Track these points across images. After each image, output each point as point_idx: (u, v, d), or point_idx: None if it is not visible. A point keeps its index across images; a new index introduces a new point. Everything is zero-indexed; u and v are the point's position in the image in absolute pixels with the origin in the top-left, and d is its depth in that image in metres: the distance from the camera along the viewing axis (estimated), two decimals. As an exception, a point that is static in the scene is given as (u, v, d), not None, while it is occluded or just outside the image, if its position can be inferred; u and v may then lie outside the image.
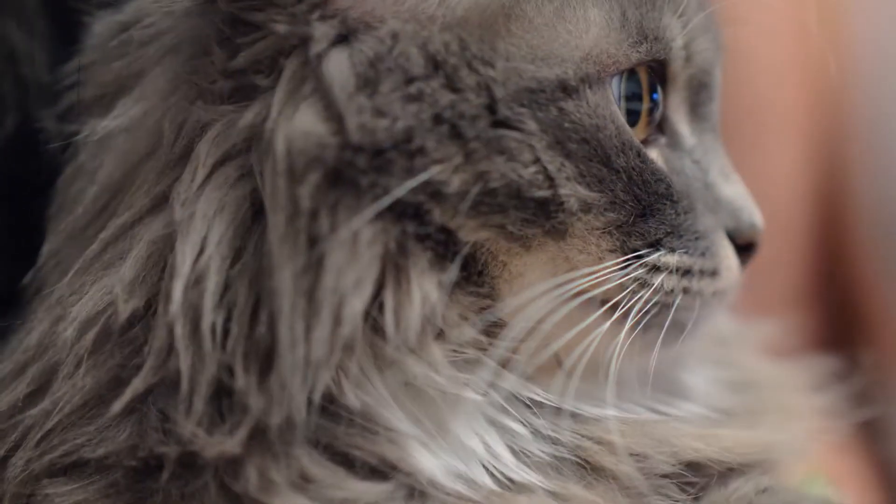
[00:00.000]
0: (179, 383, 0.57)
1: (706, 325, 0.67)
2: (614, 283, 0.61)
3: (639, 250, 0.62)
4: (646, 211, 0.62)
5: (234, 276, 0.57)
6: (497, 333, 0.60)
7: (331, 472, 0.57)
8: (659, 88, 0.64)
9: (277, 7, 0.58)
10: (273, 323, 0.56)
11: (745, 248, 0.67)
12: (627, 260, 0.61)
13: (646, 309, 0.62)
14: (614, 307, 0.61)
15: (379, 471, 0.58)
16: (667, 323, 0.63)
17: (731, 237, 0.66)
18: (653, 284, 0.62)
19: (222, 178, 0.58)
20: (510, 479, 0.60)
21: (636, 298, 0.62)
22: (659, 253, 0.62)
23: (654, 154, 0.64)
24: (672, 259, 0.63)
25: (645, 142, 0.64)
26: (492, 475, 0.60)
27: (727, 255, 0.66)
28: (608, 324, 0.61)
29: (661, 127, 0.65)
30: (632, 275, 0.61)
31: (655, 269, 0.62)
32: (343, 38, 0.58)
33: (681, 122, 0.66)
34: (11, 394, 0.61)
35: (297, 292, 0.56)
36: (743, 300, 0.80)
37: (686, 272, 0.63)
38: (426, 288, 0.58)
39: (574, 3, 0.60)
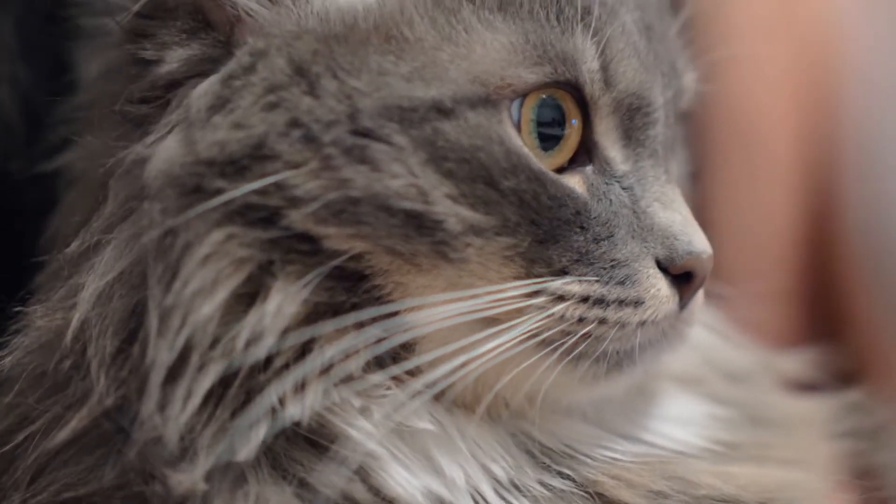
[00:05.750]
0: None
1: (654, 354, 0.64)
2: (513, 310, 0.60)
3: (543, 277, 0.60)
4: (547, 237, 0.60)
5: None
6: (406, 357, 0.60)
7: None
8: (578, 113, 0.62)
9: (161, 45, 0.61)
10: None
11: (683, 277, 0.63)
12: (530, 286, 0.60)
13: (553, 338, 0.60)
14: (521, 335, 0.60)
15: None
16: (584, 351, 0.61)
17: (664, 266, 0.63)
18: (552, 313, 0.60)
19: (138, 214, 0.59)
20: None
21: (536, 326, 0.60)
22: (562, 281, 0.60)
23: (575, 180, 0.62)
24: (576, 287, 0.60)
25: (564, 168, 0.62)
26: None
27: (654, 285, 0.62)
28: (515, 352, 0.60)
29: (590, 153, 0.63)
30: (532, 302, 0.60)
31: (560, 297, 0.60)
32: (215, 66, 0.60)
33: (611, 147, 0.64)
34: None
35: (157, 303, 0.57)
36: (747, 334, 0.79)
37: (598, 301, 0.61)
38: (282, 300, 0.58)
39: (465, 26, 0.60)
